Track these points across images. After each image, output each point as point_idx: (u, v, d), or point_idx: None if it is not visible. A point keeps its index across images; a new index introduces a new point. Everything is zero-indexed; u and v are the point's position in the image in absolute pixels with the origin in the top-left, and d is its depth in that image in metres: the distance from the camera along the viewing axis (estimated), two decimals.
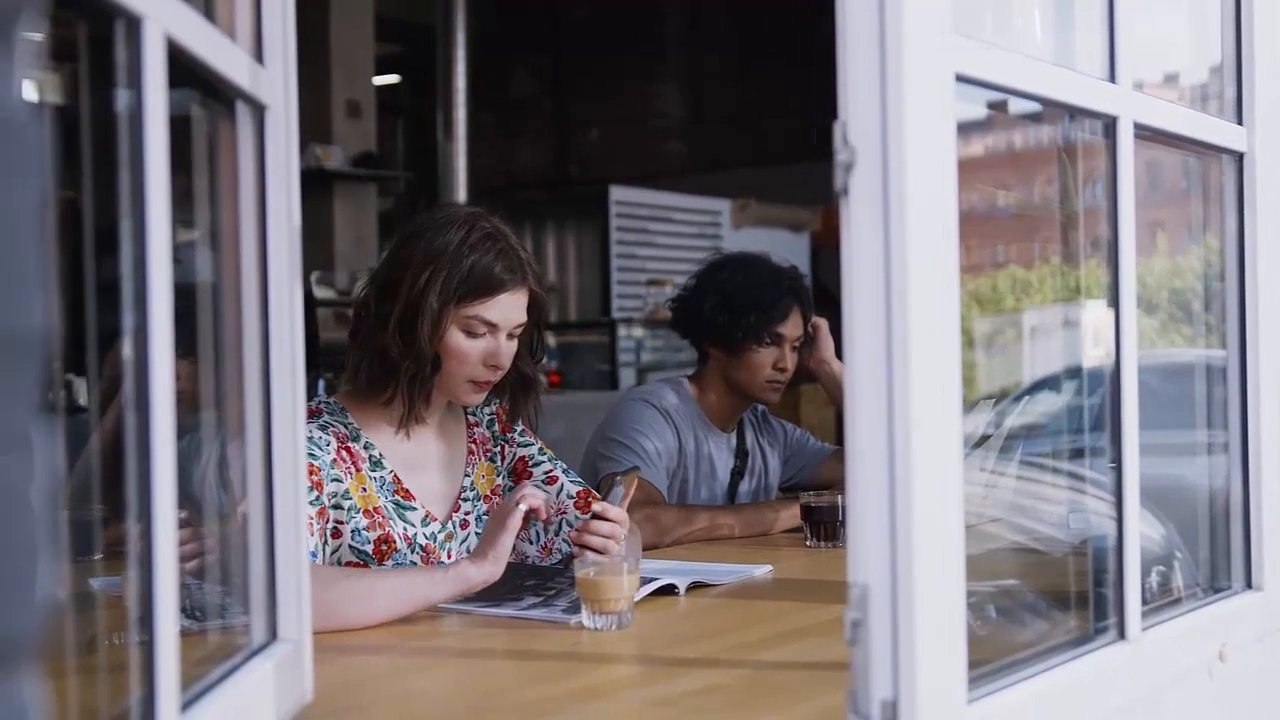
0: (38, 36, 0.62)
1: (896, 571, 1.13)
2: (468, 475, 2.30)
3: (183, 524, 1.34)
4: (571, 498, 2.31)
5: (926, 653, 1.13)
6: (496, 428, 2.37)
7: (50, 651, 0.61)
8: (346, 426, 2.17)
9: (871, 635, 1.14)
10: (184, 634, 1.04)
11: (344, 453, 2.13)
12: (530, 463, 2.37)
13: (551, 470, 2.37)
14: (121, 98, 0.99)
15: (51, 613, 0.60)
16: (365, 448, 2.18)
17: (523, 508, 1.93)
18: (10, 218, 0.57)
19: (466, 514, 2.28)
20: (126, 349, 0.97)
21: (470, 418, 2.35)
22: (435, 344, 2.12)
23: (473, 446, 2.33)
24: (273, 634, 1.34)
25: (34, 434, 0.58)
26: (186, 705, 1.06)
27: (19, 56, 0.58)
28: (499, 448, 2.37)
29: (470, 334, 2.15)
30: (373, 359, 2.15)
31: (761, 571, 2.31)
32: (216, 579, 1.43)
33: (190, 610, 1.29)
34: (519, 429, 2.40)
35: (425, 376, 2.15)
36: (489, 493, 2.32)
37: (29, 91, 0.60)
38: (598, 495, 2.30)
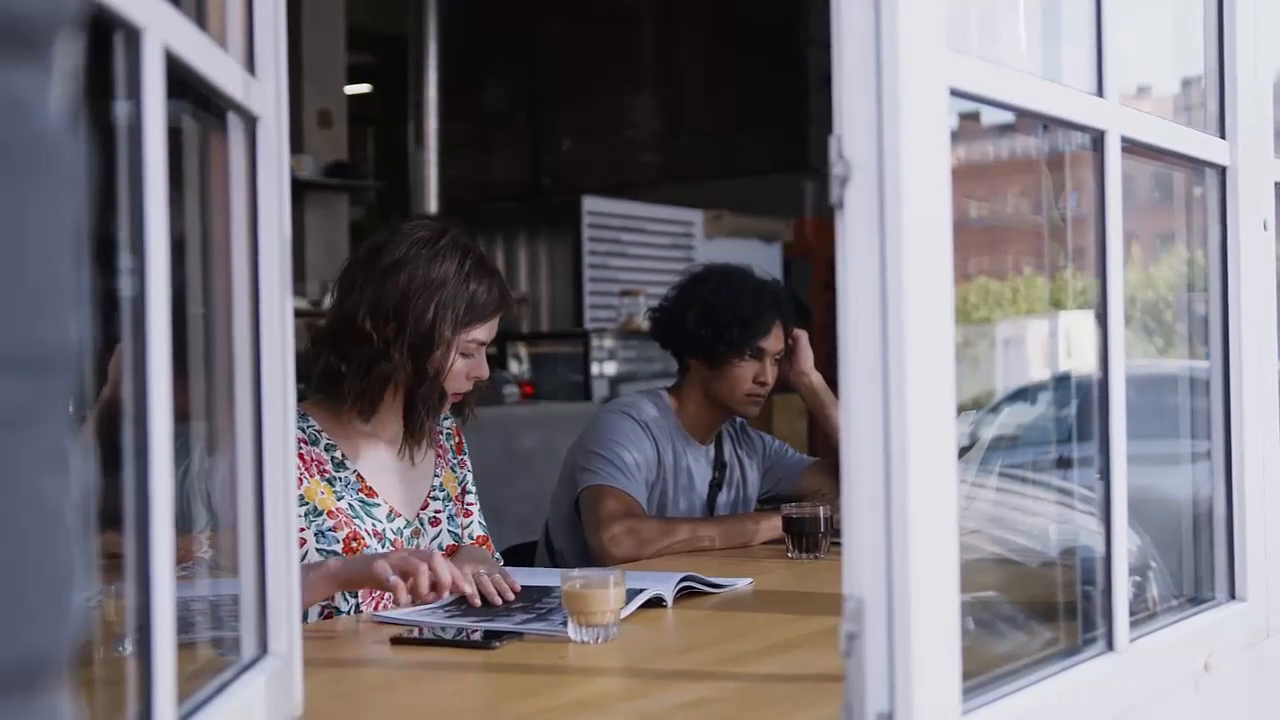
0: (73, 52, 0.62)
1: (892, 584, 1.13)
2: (437, 475, 2.38)
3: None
4: (472, 538, 2.40)
5: (922, 665, 1.13)
6: (453, 443, 2.47)
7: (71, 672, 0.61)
8: (305, 431, 2.21)
9: (867, 648, 1.14)
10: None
11: (298, 457, 2.16)
12: (465, 489, 2.47)
13: (473, 504, 2.47)
14: (119, 108, 0.98)
15: (83, 629, 0.60)
16: (326, 450, 2.23)
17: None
18: (49, 234, 0.56)
19: (437, 512, 2.35)
20: (126, 359, 0.97)
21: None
22: (446, 371, 2.22)
23: (440, 450, 2.41)
24: (263, 648, 1.33)
25: (70, 450, 0.58)
26: None
27: (55, 72, 0.58)
28: (458, 460, 2.46)
29: (464, 355, 2.25)
30: (380, 385, 2.21)
31: (743, 584, 2.31)
32: (205, 591, 1.42)
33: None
34: (465, 453, 2.50)
35: (437, 403, 2.24)
36: (456, 495, 2.41)
37: (63, 106, 0.60)
38: (490, 544, 2.43)
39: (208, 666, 1.29)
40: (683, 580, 2.16)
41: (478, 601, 2.02)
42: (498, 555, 2.51)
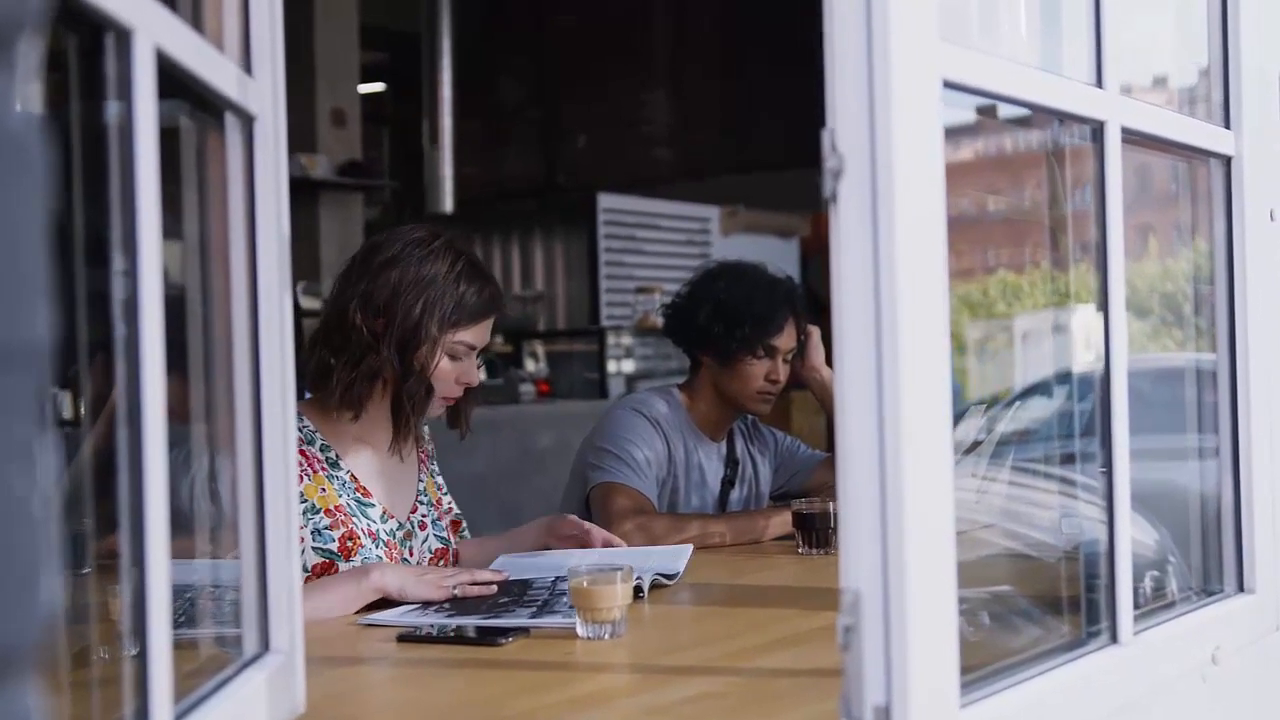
0: (38, 50, 0.62)
1: (889, 577, 1.13)
2: (420, 481, 2.42)
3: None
4: (430, 552, 2.39)
5: (919, 658, 1.13)
6: (431, 449, 2.50)
7: (42, 665, 0.61)
8: (301, 431, 2.23)
9: (864, 641, 1.14)
10: (175, 645, 1.04)
11: (298, 456, 2.18)
12: (443, 493, 2.50)
13: (447, 513, 2.48)
14: (111, 109, 0.99)
15: (53, 622, 0.60)
16: (322, 450, 2.26)
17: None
18: (14, 230, 0.57)
19: (423, 516, 2.39)
20: (119, 362, 0.97)
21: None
22: (431, 369, 2.23)
23: (423, 457, 2.45)
24: (265, 645, 1.33)
25: (36, 444, 0.58)
26: (179, 717, 1.06)
27: (20, 71, 0.59)
28: (435, 465, 2.50)
29: (453, 357, 2.27)
30: (367, 379, 2.23)
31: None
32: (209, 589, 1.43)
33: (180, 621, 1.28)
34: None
35: (423, 399, 2.25)
36: (436, 501, 2.44)
37: (29, 104, 0.60)
38: (449, 560, 2.43)
39: (210, 663, 1.30)
40: (655, 573, 2.18)
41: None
42: (465, 532, 2.53)
